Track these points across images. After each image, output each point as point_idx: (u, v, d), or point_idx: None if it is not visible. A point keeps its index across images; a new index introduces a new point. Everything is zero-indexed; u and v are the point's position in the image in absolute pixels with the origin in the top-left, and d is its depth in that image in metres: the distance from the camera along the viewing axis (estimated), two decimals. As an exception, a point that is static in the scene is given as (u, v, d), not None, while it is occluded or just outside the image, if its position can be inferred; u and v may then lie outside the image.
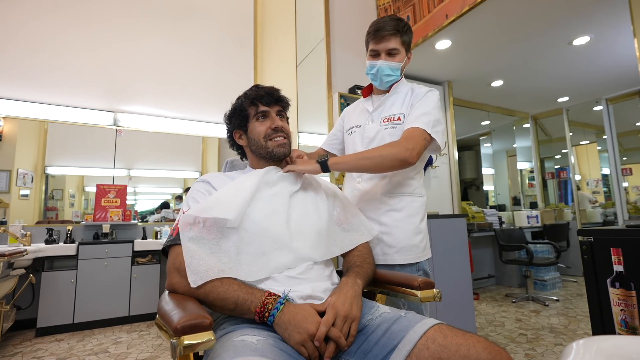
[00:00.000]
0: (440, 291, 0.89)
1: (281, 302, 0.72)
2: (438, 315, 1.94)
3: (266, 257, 0.83)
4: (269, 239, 0.85)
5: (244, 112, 1.03)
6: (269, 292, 0.74)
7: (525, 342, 2.31)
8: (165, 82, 3.85)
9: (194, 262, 0.76)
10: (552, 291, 3.73)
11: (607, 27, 3.01)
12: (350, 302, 0.77)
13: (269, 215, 0.89)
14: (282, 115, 1.04)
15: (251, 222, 0.86)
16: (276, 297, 0.73)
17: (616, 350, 0.54)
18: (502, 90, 4.44)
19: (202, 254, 0.78)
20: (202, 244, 0.80)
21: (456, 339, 0.68)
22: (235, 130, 1.06)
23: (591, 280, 1.35)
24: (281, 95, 1.05)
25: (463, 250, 2.14)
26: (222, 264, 0.79)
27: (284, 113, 1.05)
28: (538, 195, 5.43)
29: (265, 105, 1.00)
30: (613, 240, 1.28)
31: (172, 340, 0.58)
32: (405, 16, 3.33)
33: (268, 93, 1.01)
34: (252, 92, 1.03)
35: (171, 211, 3.88)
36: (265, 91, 1.02)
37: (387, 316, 0.78)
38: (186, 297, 0.74)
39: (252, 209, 0.88)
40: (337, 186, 1.21)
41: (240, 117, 1.04)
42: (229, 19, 4.38)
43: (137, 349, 2.42)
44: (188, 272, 0.75)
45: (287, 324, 0.70)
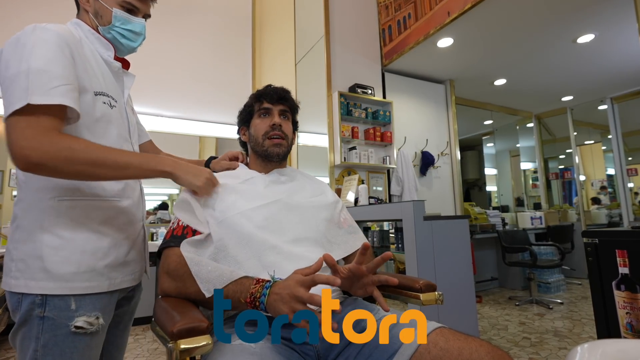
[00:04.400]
0: (442, 294, 0.89)
1: (267, 287, 0.69)
2: (440, 319, 1.94)
3: (262, 262, 0.83)
4: (267, 244, 0.84)
5: (250, 108, 1.04)
6: (257, 280, 0.72)
7: (529, 346, 2.31)
8: (162, 80, 3.85)
9: (202, 269, 0.75)
10: (557, 294, 3.73)
11: (612, 25, 3.02)
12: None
13: (267, 221, 0.88)
14: (287, 117, 1.03)
15: (248, 229, 0.85)
16: (264, 283, 0.70)
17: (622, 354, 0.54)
18: (505, 89, 4.45)
19: (207, 261, 0.77)
20: (202, 252, 0.81)
21: (458, 342, 0.68)
22: (241, 126, 1.07)
23: (596, 283, 1.36)
24: (288, 95, 1.03)
25: (465, 252, 2.14)
26: (228, 266, 0.79)
27: (288, 114, 1.03)
28: (542, 196, 5.44)
29: (268, 103, 1.00)
30: (618, 242, 1.28)
31: (169, 345, 0.58)
32: (407, 13, 3.33)
33: (274, 91, 1.01)
34: (261, 89, 1.03)
35: (168, 212, 3.88)
36: (273, 89, 1.02)
37: (388, 319, 0.78)
38: (183, 301, 0.73)
39: (249, 217, 0.87)
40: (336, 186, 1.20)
41: (245, 112, 1.05)
42: (227, 16, 4.39)
43: (132, 353, 2.42)
44: (198, 281, 0.74)
45: (275, 303, 0.66)
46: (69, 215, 0.75)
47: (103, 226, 0.80)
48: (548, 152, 5.58)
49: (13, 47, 0.70)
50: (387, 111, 3.46)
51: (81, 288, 0.75)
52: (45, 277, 0.72)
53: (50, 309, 0.72)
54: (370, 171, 3.40)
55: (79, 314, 0.74)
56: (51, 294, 0.72)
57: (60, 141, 0.68)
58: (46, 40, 0.71)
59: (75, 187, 0.76)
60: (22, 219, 0.74)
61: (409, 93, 3.84)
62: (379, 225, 2.87)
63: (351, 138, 3.25)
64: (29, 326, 0.72)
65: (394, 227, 2.52)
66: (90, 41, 0.85)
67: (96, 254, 0.78)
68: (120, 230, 0.83)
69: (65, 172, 0.69)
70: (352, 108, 3.28)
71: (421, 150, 3.82)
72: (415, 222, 1.95)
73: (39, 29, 0.72)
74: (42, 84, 0.67)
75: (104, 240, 0.79)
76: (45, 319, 0.71)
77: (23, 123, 0.66)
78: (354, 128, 3.28)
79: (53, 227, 0.74)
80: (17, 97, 0.66)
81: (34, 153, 0.65)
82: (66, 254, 0.74)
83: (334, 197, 1.06)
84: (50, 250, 0.73)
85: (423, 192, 3.70)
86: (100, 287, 0.78)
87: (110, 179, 0.78)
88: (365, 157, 3.27)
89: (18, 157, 0.65)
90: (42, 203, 0.74)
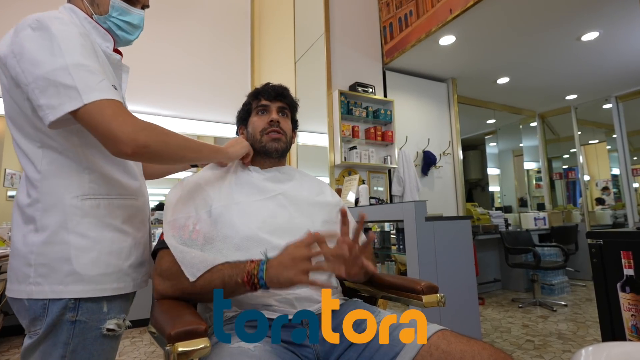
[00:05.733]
0: (444, 296, 0.89)
1: (263, 262, 0.70)
2: (442, 321, 1.94)
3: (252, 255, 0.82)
4: (259, 239, 0.84)
5: (247, 106, 1.04)
6: (250, 260, 0.72)
7: (533, 349, 2.31)
8: (159, 79, 3.85)
9: (187, 256, 0.76)
10: (560, 296, 3.73)
11: (617, 22, 3.02)
12: None
13: (262, 216, 0.88)
14: (285, 114, 1.03)
15: (238, 223, 0.85)
16: (258, 261, 0.71)
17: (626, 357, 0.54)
18: (508, 88, 4.45)
19: (191, 250, 0.78)
20: (189, 245, 0.81)
21: (460, 345, 0.68)
22: (240, 125, 1.06)
23: (601, 285, 1.36)
24: (286, 92, 1.03)
25: (468, 253, 2.14)
26: (212, 255, 0.79)
27: (287, 112, 1.03)
28: (545, 196, 5.44)
29: (266, 100, 1.00)
30: (623, 243, 1.28)
31: (166, 348, 0.57)
32: (408, 11, 3.33)
33: (272, 88, 1.01)
34: (259, 87, 1.03)
35: (165, 213, 3.88)
36: (271, 86, 1.01)
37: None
38: (180, 303, 0.74)
39: (244, 211, 0.87)
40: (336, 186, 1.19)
41: (243, 111, 1.05)
42: (225, 13, 4.39)
43: (129, 356, 2.42)
44: (183, 267, 0.74)
45: (278, 272, 0.68)
46: (94, 215, 0.73)
47: (125, 225, 0.79)
48: (552, 151, 5.58)
49: (33, 42, 0.66)
50: (388, 110, 3.45)
51: (111, 289, 0.74)
52: (74, 280, 0.69)
53: (83, 312, 0.70)
54: (371, 171, 3.40)
55: (110, 317, 0.73)
56: (84, 297, 0.70)
57: (150, 124, 0.70)
58: (70, 33, 0.69)
59: (98, 185, 0.75)
60: (42, 221, 0.70)
61: (410, 92, 3.84)
62: (380, 226, 2.87)
63: (352, 137, 3.25)
64: (57, 332, 0.69)
65: (395, 228, 2.51)
66: (88, 30, 0.78)
67: (121, 254, 0.77)
68: (138, 230, 0.83)
69: (161, 154, 0.71)
70: (352, 107, 3.28)
71: (423, 149, 3.82)
72: (417, 223, 1.95)
73: (55, 19, 0.69)
74: (93, 78, 0.67)
75: (126, 240, 0.79)
76: (77, 323, 0.69)
77: (109, 110, 0.66)
78: (354, 127, 3.28)
79: (79, 228, 0.71)
80: (88, 86, 0.65)
81: (140, 135, 0.67)
82: (95, 255, 0.72)
83: (335, 198, 1.05)
84: (78, 251, 0.70)
85: (425, 192, 3.70)
86: (127, 287, 0.77)
87: (189, 161, 0.82)
88: (366, 157, 3.27)
89: (126, 141, 0.65)
90: (64, 203, 0.71)
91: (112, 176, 0.77)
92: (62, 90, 0.64)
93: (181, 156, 0.77)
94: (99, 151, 0.76)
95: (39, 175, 0.72)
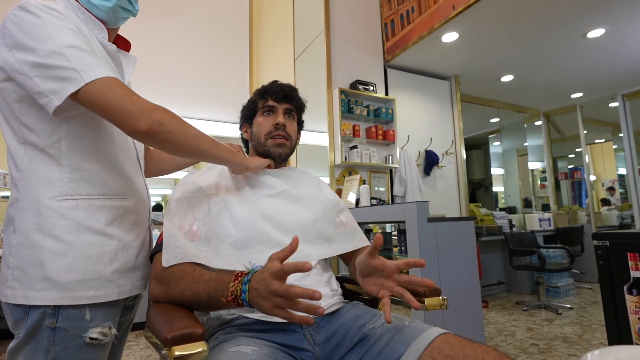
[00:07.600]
0: (447, 299, 0.89)
1: (246, 283, 0.65)
2: (444, 324, 1.94)
3: (246, 250, 0.82)
4: (253, 233, 0.84)
5: (253, 105, 1.02)
6: (235, 275, 0.68)
7: (537, 353, 2.31)
8: (156, 77, 3.85)
9: (172, 242, 0.77)
10: (566, 298, 3.73)
11: (623, 19, 3.02)
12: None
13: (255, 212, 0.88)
14: (292, 116, 1.02)
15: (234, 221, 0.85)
16: (242, 278, 0.67)
17: (633, 361, 0.54)
18: (513, 86, 4.45)
19: (181, 238, 0.79)
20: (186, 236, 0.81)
21: (464, 349, 0.68)
22: (244, 123, 1.06)
23: (607, 287, 1.36)
24: (294, 93, 1.02)
25: (471, 255, 2.14)
26: (198, 252, 0.79)
27: (294, 113, 1.02)
28: (550, 196, 5.44)
29: (273, 100, 0.99)
30: (630, 245, 1.28)
31: (162, 352, 0.57)
32: (410, 7, 3.34)
33: (280, 88, 1.00)
34: (266, 85, 1.02)
35: (162, 214, 3.88)
36: (278, 86, 1.00)
37: (390, 325, 0.78)
38: (177, 306, 0.74)
39: (239, 209, 0.88)
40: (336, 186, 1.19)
41: (248, 109, 1.04)
42: (223, 10, 4.39)
43: (124, 360, 2.42)
44: (164, 251, 0.75)
45: (256, 299, 0.63)
46: (71, 217, 0.71)
47: (110, 228, 0.75)
48: (557, 151, 5.58)
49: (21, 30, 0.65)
50: (389, 108, 3.46)
51: (86, 298, 0.70)
52: (47, 286, 0.67)
53: (64, 319, 0.68)
54: (372, 171, 3.40)
55: (93, 325, 0.71)
56: (53, 304, 0.67)
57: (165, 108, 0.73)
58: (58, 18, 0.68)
59: (77, 185, 0.72)
60: (19, 222, 0.69)
61: (412, 90, 3.84)
62: (381, 227, 2.87)
63: (352, 136, 3.25)
64: (37, 338, 0.67)
65: (397, 229, 2.52)
66: (83, 21, 0.77)
67: (102, 259, 0.73)
68: (128, 232, 0.80)
69: (176, 138, 0.72)
70: (353, 105, 3.28)
71: (425, 149, 3.82)
72: (419, 223, 1.95)
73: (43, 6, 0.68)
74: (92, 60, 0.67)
75: (110, 244, 0.75)
76: (58, 329, 0.67)
77: (121, 90, 0.67)
78: (355, 126, 3.28)
79: (54, 230, 0.69)
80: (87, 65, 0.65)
81: (155, 112, 0.69)
82: (69, 260, 0.69)
83: (334, 197, 1.05)
84: (52, 256, 0.68)
85: (427, 192, 3.70)
86: (109, 295, 0.73)
87: (201, 155, 0.80)
88: (367, 157, 3.27)
89: (141, 117, 0.66)
90: (40, 203, 0.69)
91: (96, 175, 0.75)
92: (61, 72, 0.64)
93: (195, 145, 0.77)
94: (85, 145, 0.74)
95: (19, 173, 0.71)
